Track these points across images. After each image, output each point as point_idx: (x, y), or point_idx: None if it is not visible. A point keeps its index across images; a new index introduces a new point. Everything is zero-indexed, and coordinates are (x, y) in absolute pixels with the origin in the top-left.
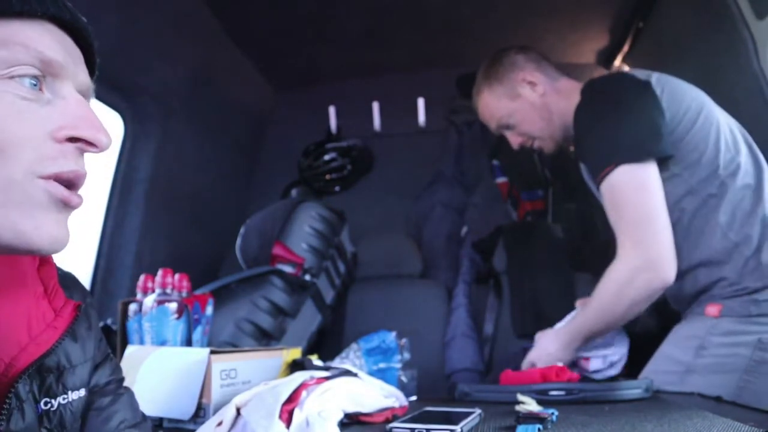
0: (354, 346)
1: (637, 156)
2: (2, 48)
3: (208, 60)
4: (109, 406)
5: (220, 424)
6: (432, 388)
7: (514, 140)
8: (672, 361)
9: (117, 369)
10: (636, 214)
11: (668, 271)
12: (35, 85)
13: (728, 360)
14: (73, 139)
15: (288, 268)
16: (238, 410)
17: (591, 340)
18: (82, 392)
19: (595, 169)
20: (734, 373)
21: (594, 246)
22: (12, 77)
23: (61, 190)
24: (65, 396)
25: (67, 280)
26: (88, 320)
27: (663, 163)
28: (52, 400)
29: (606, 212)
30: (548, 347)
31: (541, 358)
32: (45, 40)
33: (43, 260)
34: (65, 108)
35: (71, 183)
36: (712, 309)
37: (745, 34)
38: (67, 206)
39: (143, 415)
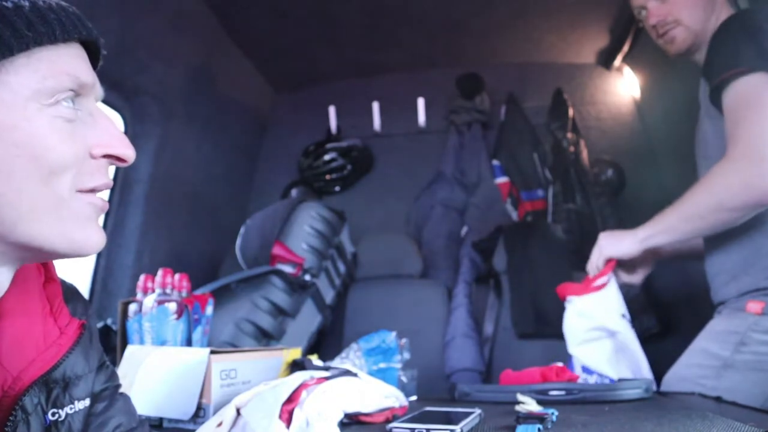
0: (354, 346)
1: None
2: (51, 78)
3: (208, 60)
4: (104, 412)
5: (220, 424)
6: (432, 388)
7: (656, 13)
8: (708, 355)
9: (113, 376)
10: (761, 119)
11: None
12: (72, 106)
13: None
14: (107, 155)
15: (288, 268)
16: (238, 410)
17: (668, 239)
18: (87, 401)
19: (725, 66)
20: None
21: (594, 246)
22: (57, 101)
23: (100, 202)
24: (72, 406)
25: (69, 293)
26: (90, 333)
27: None
28: (60, 411)
29: (725, 118)
30: (622, 238)
31: (613, 246)
32: (79, 65)
33: (48, 278)
34: (97, 125)
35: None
36: (755, 306)
37: None
38: (102, 212)
39: (140, 419)
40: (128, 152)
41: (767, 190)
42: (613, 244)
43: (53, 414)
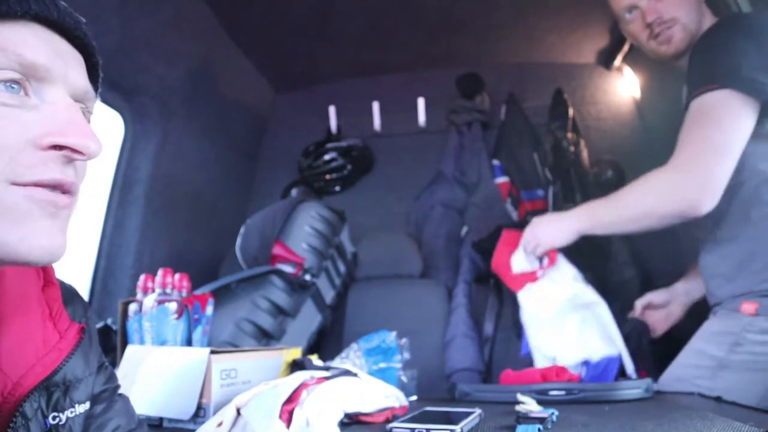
0: (354, 346)
1: (745, 88)
2: None
3: (208, 60)
4: (102, 414)
5: (220, 424)
6: (432, 388)
7: (654, 9)
8: (704, 355)
9: (112, 377)
10: (708, 136)
11: (704, 200)
12: (14, 89)
13: (764, 358)
14: (59, 147)
15: (288, 268)
16: (238, 410)
17: (603, 233)
18: (88, 404)
19: (699, 83)
20: None
21: (594, 246)
22: None
23: (42, 193)
24: (72, 409)
25: (68, 295)
26: (89, 336)
27: (765, 115)
28: (60, 414)
29: (683, 125)
30: (559, 229)
31: (551, 238)
32: (27, 42)
33: (47, 281)
34: (52, 113)
35: (61, 190)
36: (749, 306)
37: None
38: (58, 210)
39: (139, 421)
40: (84, 141)
41: (700, 205)
42: (550, 235)
43: (54, 418)
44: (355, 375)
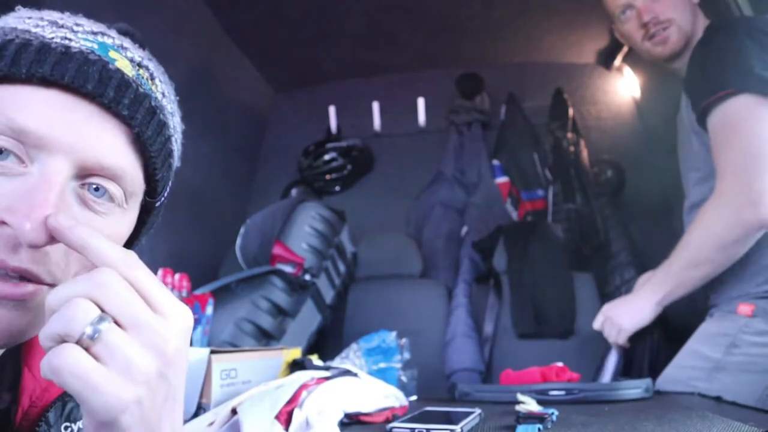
0: (354, 346)
1: (762, 89)
2: None
3: (208, 60)
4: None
5: (211, 424)
6: (432, 388)
7: (650, 9)
8: (700, 357)
9: None
10: (745, 147)
11: (764, 211)
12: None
13: (760, 360)
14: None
15: (288, 268)
16: (233, 411)
17: (685, 291)
18: None
19: (711, 89)
20: (765, 373)
21: (594, 246)
22: None
23: None
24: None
25: None
26: None
27: None
28: (72, 425)
29: (711, 143)
30: (638, 308)
31: (632, 319)
32: (27, 106)
33: None
34: (21, 187)
35: (22, 276)
36: (745, 308)
37: None
38: (14, 301)
39: None
40: (16, 219)
41: (761, 215)
42: (630, 317)
43: (66, 428)
44: (355, 375)
